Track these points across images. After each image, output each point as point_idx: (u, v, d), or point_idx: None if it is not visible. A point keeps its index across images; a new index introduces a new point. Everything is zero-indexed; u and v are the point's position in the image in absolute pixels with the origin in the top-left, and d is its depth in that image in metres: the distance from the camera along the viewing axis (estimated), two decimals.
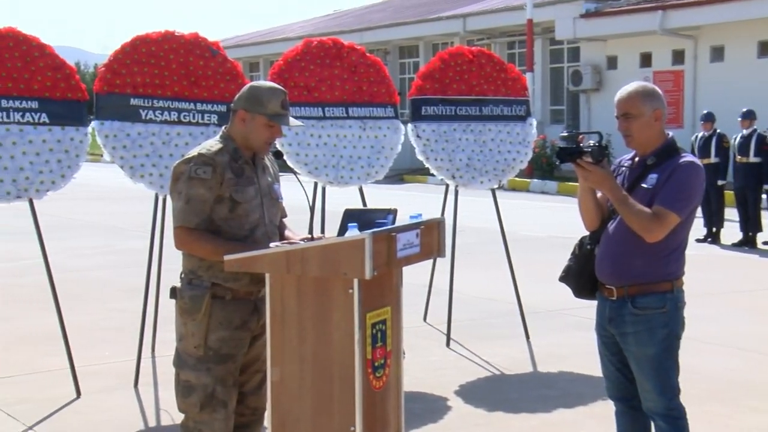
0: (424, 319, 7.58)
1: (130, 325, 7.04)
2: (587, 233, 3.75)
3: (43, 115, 5.60)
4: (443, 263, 6.91)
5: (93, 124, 5.72)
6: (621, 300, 3.57)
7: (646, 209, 3.46)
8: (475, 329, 7.35)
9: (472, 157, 6.86)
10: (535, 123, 7.22)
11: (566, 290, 3.86)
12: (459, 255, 7.21)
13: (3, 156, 5.44)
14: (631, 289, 3.55)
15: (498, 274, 9.04)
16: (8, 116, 5.50)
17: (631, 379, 3.68)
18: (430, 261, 7.08)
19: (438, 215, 4.02)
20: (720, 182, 12.18)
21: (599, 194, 3.67)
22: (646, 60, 21.83)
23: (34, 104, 5.58)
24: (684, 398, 3.65)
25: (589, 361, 5.94)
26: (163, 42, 5.88)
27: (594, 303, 3.76)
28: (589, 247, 3.72)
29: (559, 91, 24.93)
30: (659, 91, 3.64)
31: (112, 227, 13.63)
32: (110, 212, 15.70)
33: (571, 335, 7.10)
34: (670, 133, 3.66)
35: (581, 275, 3.73)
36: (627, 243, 3.52)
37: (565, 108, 24.75)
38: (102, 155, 6.01)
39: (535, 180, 20.38)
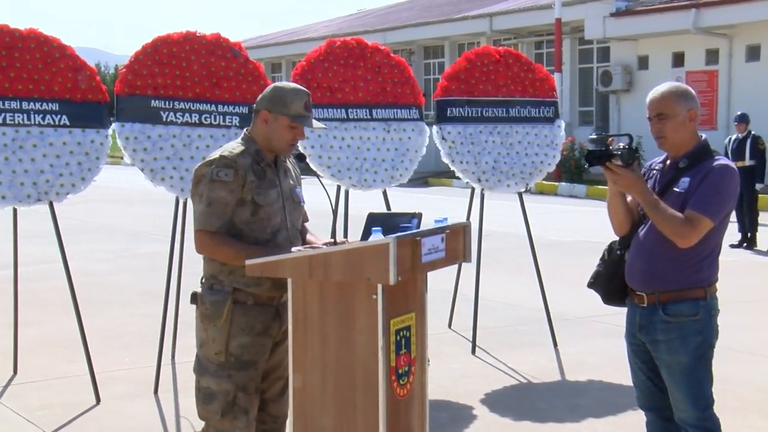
0: (449, 325, 7.58)
1: (150, 331, 7.09)
2: (617, 238, 3.74)
3: (64, 117, 5.66)
4: (469, 268, 6.91)
5: (113, 126, 5.78)
6: (652, 307, 3.55)
7: (678, 214, 3.43)
8: (502, 336, 7.33)
9: (498, 160, 6.85)
10: (563, 125, 7.20)
11: (595, 297, 3.84)
12: (485, 260, 7.20)
13: (23, 158, 5.51)
14: (662, 295, 3.52)
15: (525, 279, 8.99)
16: (29, 118, 5.57)
17: (663, 388, 3.65)
18: (456, 266, 7.08)
19: (464, 219, 4.02)
20: (758, 185, 12.08)
21: (629, 198, 3.65)
22: (678, 60, 21.69)
23: (55, 106, 5.64)
24: (718, 409, 3.62)
25: (618, 370, 5.91)
26: (185, 43, 5.93)
27: (624, 310, 3.74)
28: (618, 252, 3.70)
29: (588, 92, 24.82)
30: (693, 91, 3.62)
31: (131, 231, 13.74)
32: (130, 215, 15.83)
33: (600, 343, 7.06)
34: (703, 135, 3.63)
35: (611, 281, 3.71)
36: (658, 248, 3.50)
37: (594, 109, 24.63)
38: (122, 158, 6.06)
39: (563, 183, 20.30)
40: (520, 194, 6.99)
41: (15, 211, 5.77)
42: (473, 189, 7.00)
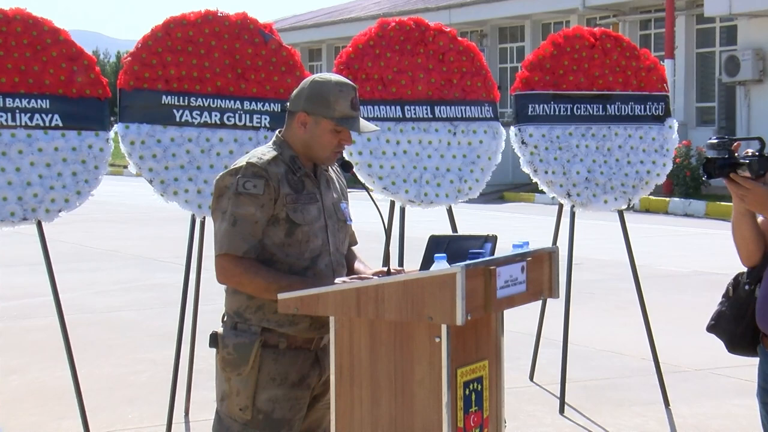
0: (531, 377, 7.53)
1: (160, 381, 7.16)
2: (744, 269, 3.69)
3: (56, 116, 5.76)
4: (556, 306, 6.85)
5: (116, 127, 5.87)
6: None
7: None
8: (597, 392, 7.27)
9: (593, 170, 6.81)
10: (676, 125, 7.14)
11: (718, 343, 3.79)
12: (576, 295, 7.15)
13: (7, 168, 5.60)
14: None
15: (627, 320, 8.88)
16: (13, 119, 5.67)
17: None
18: (539, 303, 7.04)
19: (549, 244, 4.01)
20: None
21: (760, 219, 3.61)
22: None
23: (45, 103, 5.74)
24: None
25: None
26: (203, 25, 6.02)
27: (754, 361, 3.69)
28: (747, 287, 3.65)
29: (709, 83, 24.55)
30: None
31: (138, 257, 13.91)
32: (137, 238, 16.03)
33: (724, 402, 6.96)
34: None
35: (737, 324, 3.66)
36: None
37: (716, 105, 24.36)
38: (126, 166, 6.16)
39: (676, 199, 20.08)
40: (620, 212, 6.94)
41: None
42: (561, 206, 6.96)
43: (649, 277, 10.66)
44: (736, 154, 3.48)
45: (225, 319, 3.71)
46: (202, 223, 6.01)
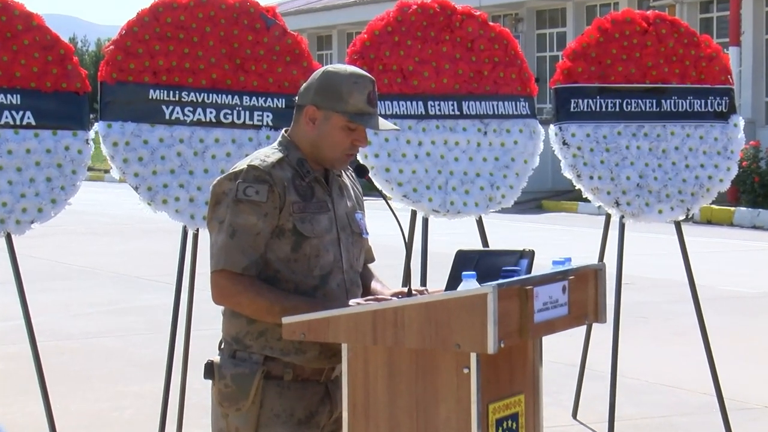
0: (574, 414, 7.51)
1: (146, 417, 7.16)
2: None
3: (28, 114, 5.78)
4: (602, 332, 6.83)
5: (96, 126, 5.89)
6: None
7: None
8: (652, 431, 7.25)
9: (645, 175, 6.80)
10: (742, 123, 7.12)
11: None
12: (627, 320, 7.12)
13: None
14: None
15: (685, 348, 8.84)
16: None
17: None
18: (583, 328, 7.03)
19: (594, 260, 4.00)
20: None
21: None
22: None
23: (15, 99, 5.76)
24: None
25: None
26: (197, 8, 6.04)
27: None
28: None
29: None
30: None
31: (121, 275, 13.93)
32: (119, 253, 16.06)
33: None
34: None
35: None
36: None
37: None
38: (108, 171, 6.17)
39: (742, 208, 20.01)
40: (677, 224, 6.92)
41: None
42: (608, 216, 6.95)
43: (712, 300, 10.61)
44: None
45: (222, 346, 3.71)
46: (195, 236, 6.02)
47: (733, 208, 20.04)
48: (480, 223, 6.64)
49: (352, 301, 3.55)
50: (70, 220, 7.93)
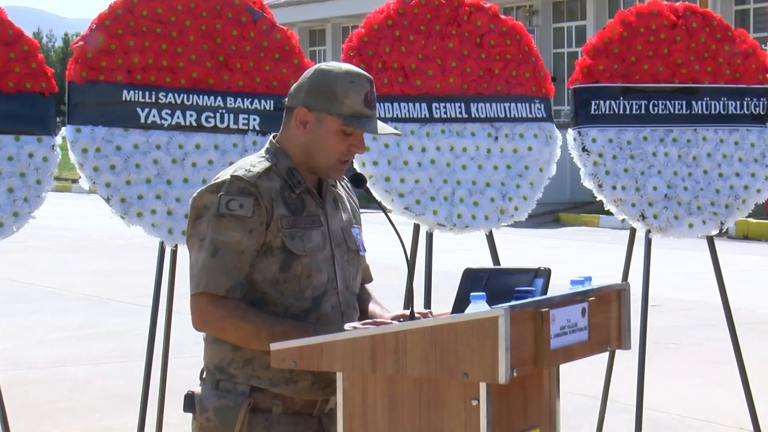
0: None
1: None
2: None
3: None
4: (626, 360, 6.83)
5: (64, 131, 5.88)
6: None
7: None
8: None
9: (674, 184, 6.80)
10: None
11: None
12: (654, 346, 7.11)
13: None
14: None
15: (719, 378, 8.83)
16: None
17: None
18: (605, 356, 7.01)
19: (618, 280, 4.00)
20: None
21: None
22: None
23: None
24: None
25: None
26: (175, 0, 6.04)
27: None
28: None
29: None
30: None
31: (91, 296, 13.92)
32: (89, 272, 16.04)
33: None
34: None
35: None
36: None
37: None
38: (77, 181, 6.16)
39: None
40: (710, 239, 6.91)
41: None
42: (633, 231, 6.94)
43: (749, 324, 10.59)
44: None
45: (204, 375, 3.71)
46: (174, 253, 6.01)
47: None
48: (490, 238, 6.63)
49: (348, 326, 3.56)
50: (33, 235, 7.92)
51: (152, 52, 5.97)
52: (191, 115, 6.01)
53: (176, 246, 5.92)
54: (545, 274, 3.63)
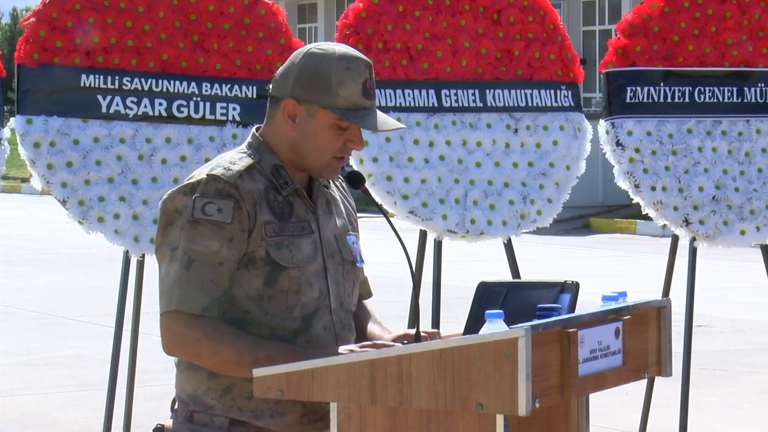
0: None
1: None
2: None
3: None
4: (667, 389, 6.84)
5: (12, 122, 5.90)
6: None
7: None
8: None
9: (723, 185, 6.81)
10: None
11: None
12: (699, 373, 7.12)
13: None
14: None
15: None
16: None
17: None
18: (643, 383, 7.03)
19: (658, 296, 4.01)
20: None
21: None
22: None
23: None
24: None
25: None
26: None
27: None
28: None
29: None
30: None
31: (43, 315, 13.92)
32: (41, 287, 16.02)
33: None
34: None
35: None
36: None
37: None
38: (27, 180, 6.19)
39: None
40: (765, 248, 6.93)
41: None
42: (675, 239, 6.96)
43: None
44: None
45: (176, 406, 3.72)
46: (141, 264, 6.02)
47: None
48: (509, 247, 6.65)
49: (342, 349, 3.56)
50: None
51: (115, 30, 5.98)
52: (161, 104, 6.03)
53: (143, 256, 5.93)
54: (573, 288, 3.64)
